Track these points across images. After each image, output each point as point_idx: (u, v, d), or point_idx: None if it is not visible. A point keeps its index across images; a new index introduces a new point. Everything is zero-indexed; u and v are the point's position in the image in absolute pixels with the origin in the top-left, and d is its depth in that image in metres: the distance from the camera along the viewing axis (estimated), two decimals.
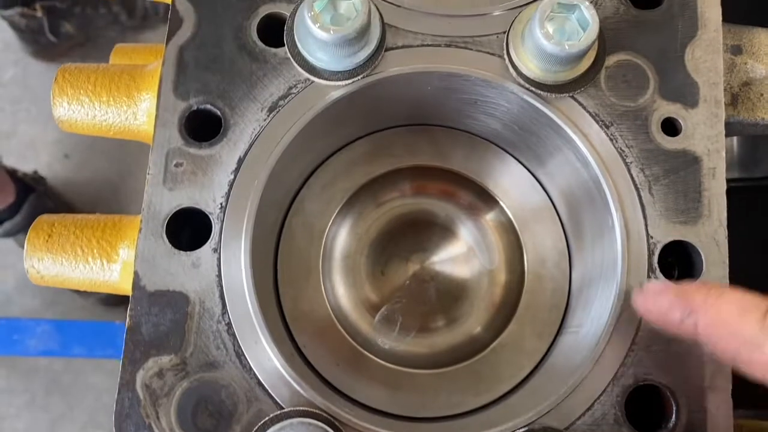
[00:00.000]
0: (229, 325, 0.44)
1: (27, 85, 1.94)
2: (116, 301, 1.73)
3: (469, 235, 0.55)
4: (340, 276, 0.55)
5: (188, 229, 0.46)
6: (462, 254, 0.56)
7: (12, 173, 1.69)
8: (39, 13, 1.74)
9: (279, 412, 0.41)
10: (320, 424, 0.40)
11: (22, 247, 1.48)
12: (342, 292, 0.55)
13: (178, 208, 0.45)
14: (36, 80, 1.94)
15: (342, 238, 0.55)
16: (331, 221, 0.55)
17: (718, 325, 0.36)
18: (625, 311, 0.44)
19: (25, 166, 1.87)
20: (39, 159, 1.91)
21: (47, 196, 1.72)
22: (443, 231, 0.56)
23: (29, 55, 1.91)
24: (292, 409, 0.41)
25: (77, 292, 1.65)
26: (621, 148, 0.46)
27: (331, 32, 0.42)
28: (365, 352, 0.52)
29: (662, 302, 0.39)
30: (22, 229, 1.68)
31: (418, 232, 0.56)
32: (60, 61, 1.91)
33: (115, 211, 1.91)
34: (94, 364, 1.80)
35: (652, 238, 0.45)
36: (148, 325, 0.43)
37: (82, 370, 1.81)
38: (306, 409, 0.41)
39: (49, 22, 1.76)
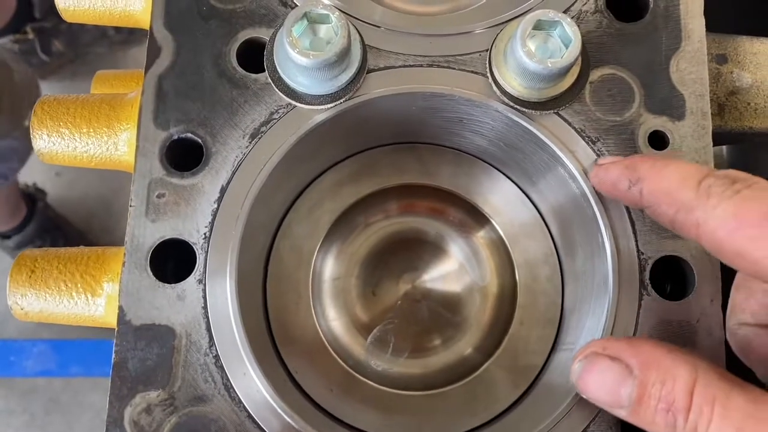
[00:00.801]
0: (216, 357, 0.43)
1: None
2: None
3: (459, 252, 0.55)
4: (330, 298, 0.54)
5: (172, 260, 0.46)
6: (453, 271, 0.55)
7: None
8: (31, 36, 1.74)
9: None
10: None
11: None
12: (333, 314, 0.54)
13: (161, 240, 0.44)
14: None
15: (331, 259, 0.55)
16: (319, 243, 0.54)
17: (660, 191, 0.37)
18: (618, 326, 0.43)
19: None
20: (31, 177, 1.91)
21: (49, 207, 1.73)
22: (433, 249, 0.55)
23: None
24: None
25: None
26: None
27: (311, 57, 0.42)
28: (358, 376, 0.52)
29: (612, 172, 0.41)
30: (32, 241, 1.68)
31: (409, 251, 0.55)
32: (50, 79, 1.91)
33: (108, 226, 1.91)
34: (93, 383, 1.80)
35: (642, 254, 0.44)
36: (134, 360, 0.43)
37: (80, 388, 1.80)
38: None
39: (40, 42, 1.76)
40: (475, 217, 0.54)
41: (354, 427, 0.49)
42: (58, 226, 1.73)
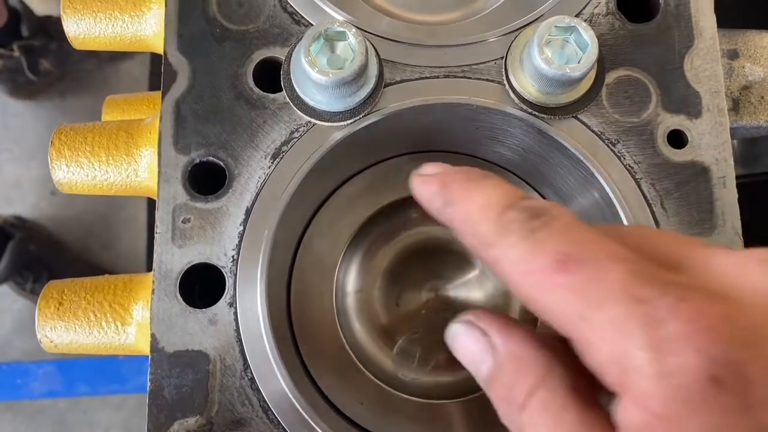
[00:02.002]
0: (252, 380, 0.43)
1: (6, 125, 1.92)
2: None
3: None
4: (354, 311, 0.54)
5: (198, 285, 0.46)
6: (475, 278, 0.55)
7: None
8: (17, 53, 1.72)
9: None
10: None
11: (17, 290, 1.46)
12: (358, 327, 0.54)
13: (189, 265, 0.44)
14: (15, 120, 1.92)
15: (353, 272, 0.55)
16: (341, 257, 0.54)
17: (464, 220, 0.33)
18: None
19: (11, 207, 1.85)
20: (25, 199, 1.89)
21: (29, 240, 1.69)
22: (454, 257, 0.55)
23: (6, 95, 1.89)
24: None
25: None
26: (629, 165, 0.46)
27: (331, 75, 0.42)
28: (387, 388, 0.52)
29: (429, 188, 0.36)
30: (4, 280, 1.66)
31: (430, 260, 0.55)
32: (38, 98, 1.90)
33: (107, 242, 1.90)
34: (99, 401, 1.79)
35: None
36: (170, 388, 0.43)
37: (87, 407, 1.79)
38: None
39: (27, 61, 1.74)
40: None
41: None
42: (39, 259, 1.70)
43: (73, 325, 0.45)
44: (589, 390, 0.30)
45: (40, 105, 1.91)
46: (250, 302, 0.44)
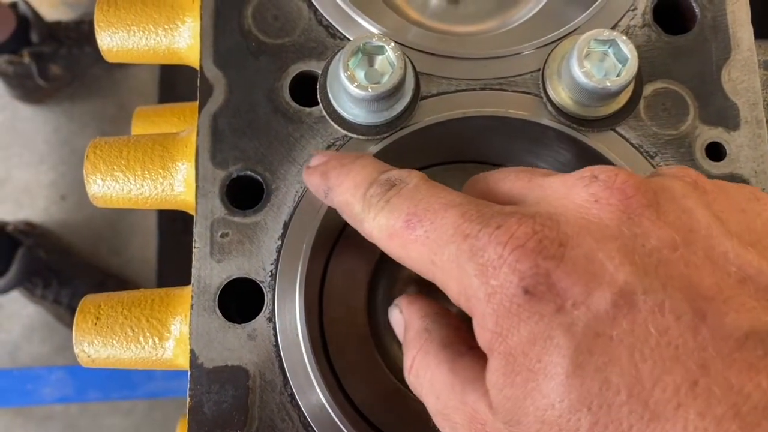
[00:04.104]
0: (292, 395, 0.43)
1: (16, 130, 1.92)
2: None
3: None
4: (386, 321, 0.54)
5: (234, 299, 0.45)
6: None
7: (1, 228, 1.67)
8: (26, 60, 1.72)
9: None
10: None
11: (27, 296, 1.45)
12: (389, 339, 0.54)
13: (228, 280, 0.44)
14: (25, 124, 1.92)
15: (384, 281, 0.55)
16: (372, 268, 0.54)
17: (343, 204, 0.38)
18: None
19: (21, 212, 1.85)
20: (35, 204, 1.90)
21: (38, 246, 1.70)
22: None
23: (16, 100, 1.89)
24: None
25: None
26: None
27: (369, 90, 0.42)
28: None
29: (314, 180, 0.40)
30: (13, 287, 1.66)
31: None
32: (48, 103, 1.90)
33: (117, 247, 1.90)
34: (110, 406, 1.79)
35: None
36: (209, 404, 0.42)
37: (98, 413, 1.79)
38: None
39: (37, 67, 1.74)
40: None
41: None
42: (49, 266, 1.70)
43: (110, 340, 0.45)
44: (470, 337, 0.34)
45: (50, 110, 1.92)
46: (288, 316, 0.43)
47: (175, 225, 1.85)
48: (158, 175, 0.47)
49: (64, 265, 1.73)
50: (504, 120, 0.46)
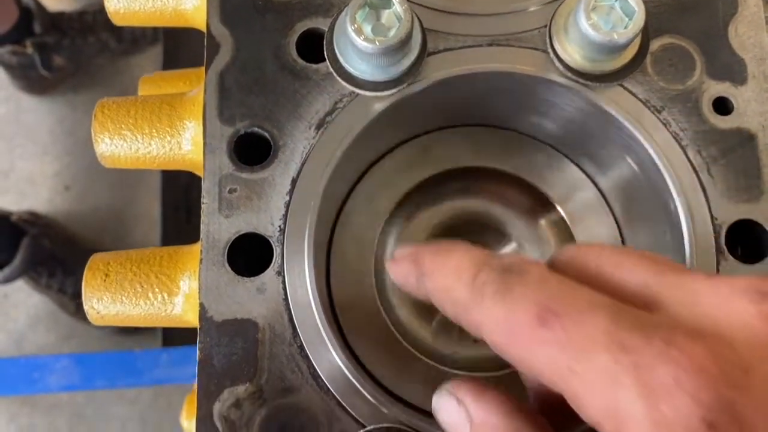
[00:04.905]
0: (301, 347, 0.43)
1: (20, 121, 1.92)
2: (132, 329, 1.72)
3: (519, 234, 0.55)
4: (392, 286, 0.54)
5: (242, 255, 0.46)
6: (513, 251, 0.55)
7: (6, 217, 1.67)
8: (30, 50, 1.73)
9: (363, 430, 0.40)
10: None
11: (32, 285, 1.46)
12: (397, 302, 0.54)
13: (237, 235, 0.44)
14: (29, 115, 1.92)
15: (392, 247, 0.55)
16: (379, 231, 0.54)
17: (440, 289, 0.34)
18: None
19: (25, 202, 1.85)
20: (39, 194, 1.90)
21: (43, 235, 1.70)
22: (493, 232, 0.55)
23: (19, 91, 1.90)
24: (374, 426, 0.41)
25: None
26: (675, 132, 0.45)
27: (377, 44, 0.42)
28: (430, 362, 0.52)
29: (403, 267, 0.37)
30: (18, 276, 1.67)
31: (468, 235, 0.55)
32: (51, 93, 1.90)
33: (121, 237, 1.90)
34: (116, 395, 1.80)
35: (716, 219, 0.44)
36: (219, 356, 0.43)
37: (104, 401, 1.80)
38: (392, 425, 0.41)
39: (40, 58, 1.74)
40: (533, 197, 0.54)
41: None
42: (53, 255, 1.70)
43: (119, 296, 0.45)
44: None
45: (54, 100, 1.92)
46: (298, 271, 0.44)
47: (178, 214, 1.86)
48: (166, 133, 0.47)
49: (68, 254, 1.74)
50: (511, 76, 0.46)
